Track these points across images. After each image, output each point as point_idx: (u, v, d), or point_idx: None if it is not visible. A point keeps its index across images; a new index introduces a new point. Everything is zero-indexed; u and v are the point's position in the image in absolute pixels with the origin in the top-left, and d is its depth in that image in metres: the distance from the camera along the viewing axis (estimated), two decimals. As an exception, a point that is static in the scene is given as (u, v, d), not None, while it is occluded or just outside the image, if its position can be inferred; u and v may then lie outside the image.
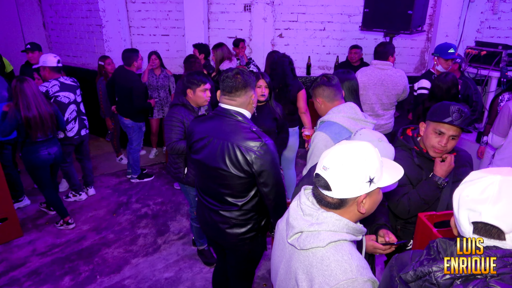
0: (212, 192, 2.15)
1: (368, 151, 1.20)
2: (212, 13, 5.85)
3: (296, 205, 1.31)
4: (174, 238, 3.81)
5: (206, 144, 2.05)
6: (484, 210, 0.89)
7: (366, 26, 4.59)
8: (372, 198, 1.24)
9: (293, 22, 5.83)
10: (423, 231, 1.85)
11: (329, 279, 1.13)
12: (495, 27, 5.64)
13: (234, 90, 2.00)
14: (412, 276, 0.92)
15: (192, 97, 3.03)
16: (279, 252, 1.39)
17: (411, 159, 2.08)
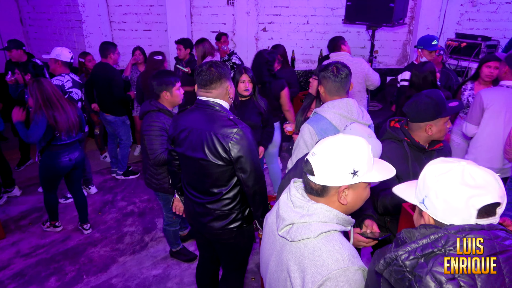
0: (196, 184, 2.18)
1: (359, 145, 1.22)
2: (194, 7, 5.78)
3: (286, 198, 1.32)
4: (161, 236, 3.79)
5: (187, 135, 2.08)
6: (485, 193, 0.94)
7: (349, 19, 4.62)
8: (356, 192, 1.26)
9: (276, 16, 5.81)
10: (407, 221, 1.88)
11: (321, 269, 1.15)
12: (475, 19, 5.75)
13: (209, 83, 2.04)
14: (383, 265, 0.96)
15: (170, 98, 2.82)
16: (269, 245, 1.40)
17: (402, 150, 2.11)
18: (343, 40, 4.10)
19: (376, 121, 4.22)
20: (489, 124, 2.96)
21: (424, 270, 0.89)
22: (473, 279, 0.85)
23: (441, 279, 0.86)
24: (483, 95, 2.96)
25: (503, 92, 2.92)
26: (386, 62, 5.97)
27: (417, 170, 2.11)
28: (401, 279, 0.92)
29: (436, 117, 2.02)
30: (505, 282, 0.84)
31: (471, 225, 0.92)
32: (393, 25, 4.35)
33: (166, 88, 2.79)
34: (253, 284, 3.13)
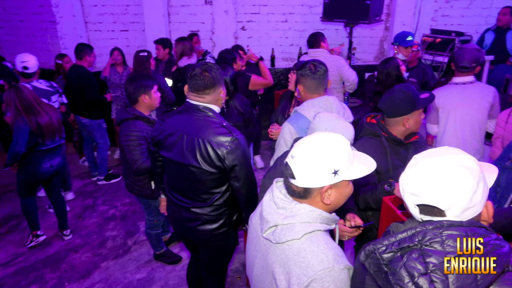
0: (183, 189, 2.12)
1: (337, 143, 1.20)
2: (172, 7, 5.72)
3: (269, 199, 1.30)
4: (145, 238, 3.73)
5: (176, 140, 2.01)
6: (422, 193, 0.97)
7: (327, 17, 4.66)
8: (339, 190, 1.25)
9: (255, 14, 5.81)
10: (388, 214, 1.92)
11: (307, 270, 1.14)
12: (448, 15, 5.89)
13: (202, 88, 1.97)
14: (364, 256, 0.98)
15: (148, 101, 2.71)
16: (253, 246, 1.38)
17: (381, 145, 2.14)
18: (322, 37, 4.12)
19: (356, 117, 4.26)
20: (447, 122, 3.04)
21: (398, 264, 0.90)
22: (445, 274, 0.85)
23: (414, 273, 0.87)
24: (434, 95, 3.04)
25: (453, 90, 2.99)
26: (364, 59, 6.05)
27: (396, 164, 2.15)
28: (378, 271, 0.94)
29: (412, 110, 2.06)
30: (476, 278, 0.85)
31: (450, 221, 0.92)
32: (370, 22, 4.41)
33: (144, 92, 2.68)
34: (239, 283, 3.12)
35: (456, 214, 0.94)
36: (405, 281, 0.88)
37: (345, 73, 3.91)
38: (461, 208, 0.94)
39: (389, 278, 0.91)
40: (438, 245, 0.89)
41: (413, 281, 0.87)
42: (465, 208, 0.94)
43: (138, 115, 2.68)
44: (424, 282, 0.86)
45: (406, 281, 0.87)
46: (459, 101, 2.96)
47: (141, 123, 2.68)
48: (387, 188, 1.97)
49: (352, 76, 3.93)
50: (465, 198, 0.93)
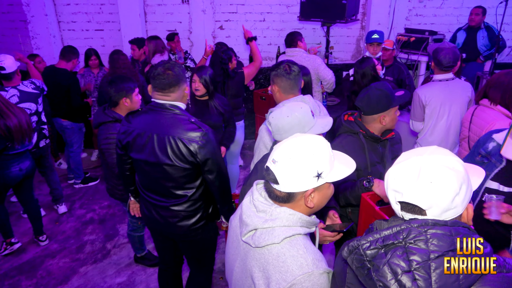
0: (158, 189, 2.13)
1: (318, 146, 1.19)
2: (148, 6, 5.64)
3: (249, 202, 1.28)
4: (125, 242, 3.67)
5: (146, 140, 2.01)
6: (404, 190, 0.97)
7: (304, 16, 4.70)
8: (322, 193, 1.23)
9: (233, 14, 5.80)
10: (367, 210, 1.95)
11: (286, 275, 1.13)
12: (422, 15, 6.05)
13: (167, 86, 1.98)
14: (347, 252, 0.98)
15: (129, 104, 2.64)
16: (233, 249, 1.36)
17: (359, 142, 2.17)
18: (300, 36, 4.14)
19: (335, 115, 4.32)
20: (432, 118, 3.12)
21: (382, 261, 0.90)
22: (428, 273, 0.86)
23: (397, 270, 0.87)
24: (420, 93, 3.11)
25: (437, 87, 3.07)
26: (342, 58, 6.14)
27: (374, 160, 2.19)
28: (361, 267, 0.94)
29: (388, 107, 2.10)
30: (459, 278, 0.86)
31: (434, 220, 0.92)
32: (346, 21, 4.48)
33: (126, 95, 2.61)
34: (221, 283, 3.11)
35: (436, 214, 0.95)
36: (388, 278, 0.87)
37: (322, 72, 3.93)
38: (442, 208, 0.94)
39: (371, 275, 0.91)
40: (422, 244, 0.88)
41: (396, 279, 0.87)
42: (446, 209, 0.94)
43: (118, 117, 2.60)
44: (407, 280, 0.86)
45: (389, 278, 0.87)
46: (444, 97, 3.05)
47: (120, 126, 2.62)
48: (366, 185, 2.00)
49: (329, 76, 3.95)
50: (446, 199, 0.93)
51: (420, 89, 3.19)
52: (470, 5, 5.49)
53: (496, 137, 2.01)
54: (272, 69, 2.36)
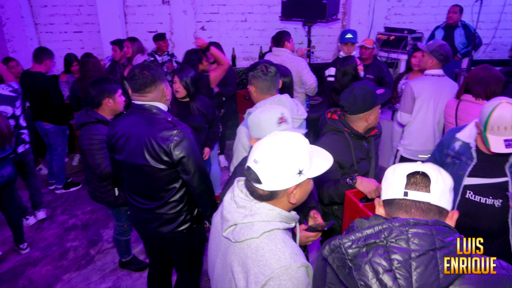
0: (140, 191, 2.11)
1: (298, 143, 1.21)
2: (128, 7, 5.56)
3: (230, 198, 1.31)
4: (109, 247, 3.61)
5: (125, 142, 2.00)
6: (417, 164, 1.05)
7: (286, 16, 4.72)
8: (303, 188, 1.26)
9: (214, 14, 5.77)
10: (351, 207, 1.97)
11: (264, 268, 1.15)
12: (401, 14, 6.15)
13: (143, 86, 1.96)
14: (328, 250, 0.98)
15: (113, 105, 2.65)
16: (215, 246, 1.38)
17: (345, 141, 2.18)
18: (288, 37, 4.10)
19: (318, 114, 4.36)
20: (421, 111, 3.19)
21: (364, 260, 0.90)
22: (409, 272, 0.86)
23: (378, 269, 0.87)
24: (412, 85, 3.17)
25: (429, 81, 3.15)
26: (324, 57, 6.18)
27: (359, 157, 2.22)
28: (342, 266, 0.94)
29: (374, 106, 2.13)
30: (439, 277, 0.87)
31: (416, 220, 0.94)
32: (327, 21, 4.52)
33: (108, 95, 2.62)
34: (208, 285, 3.10)
35: (438, 193, 1.01)
36: (369, 277, 0.88)
37: (304, 76, 3.94)
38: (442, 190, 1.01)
39: (353, 274, 0.91)
40: (404, 243, 0.89)
41: (377, 278, 0.87)
42: (444, 192, 1.01)
43: (100, 118, 2.61)
44: (388, 279, 0.86)
45: (370, 277, 0.88)
46: (434, 91, 3.13)
47: (103, 126, 2.60)
48: (349, 182, 2.02)
49: (311, 80, 3.95)
50: (448, 184, 1.02)
51: (412, 81, 3.26)
52: (447, 3, 5.61)
53: (459, 136, 2.07)
54: (249, 69, 2.35)
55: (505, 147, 1.78)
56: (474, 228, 2.00)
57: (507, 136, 1.78)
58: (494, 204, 1.97)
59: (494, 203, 1.97)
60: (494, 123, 1.79)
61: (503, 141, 1.78)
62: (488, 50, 6.20)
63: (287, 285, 1.13)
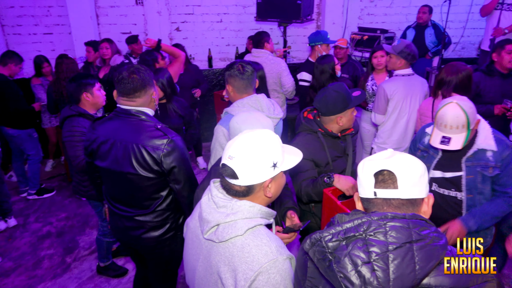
0: (123, 198, 2.04)
1: (270, 138, 1.26)
2: (100, 8, 5.44)
3: (207, 199, 1.30)
4: (86, 254, 3.52)
5: (110, 148, 1.92)
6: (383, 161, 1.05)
7: (261, 17, 4.73)
8: (277, 182, 1.30)
9: (189, 15, 5.73)
10: (329, 205, 2.00)
11: (252, 264, 1.16)
12: (373, 14, 6.28)
13: (132, 91, 1.89)
14: (309, 244, 1.00)
15: (91, 99, 2.68)
16: (194, 250, 1.36)
17: (319, 141, 2.21)
18: (267, 37, 4.12)
19: (295, 113, 4.40)
20: (394, 112, 3.27)
21: (343, 252, 0.92)
22: (386, 264, 0.88)
23: (357, 261, 0.89)
24: (385, 87, 3.24)
25: (401, 81, 3.23)
26: (300, 57, 6.23)
27: (335, 155, 2.25)
28: (322, 259, 0.95)
29: (345, 109, 2.16)
30: (415, 268, 0.89)
31: (394, 214, 0.96)
32: (302, 21, 4.56)
33: (85, 90, 2.66)
34: (190, 289, 3.06)
35: (406, 186, 1.02)
36: (348, 269, 0.90)
37: (283, 78, 3.96)
38: (411, 182, 1.02)
39: (333, 267, 0.92)
40: (382, 236, 0.91)
41: (356, 270, 0.89)
42: (414, 184, 1.02)
43: (82, 112, 2.66)
44: (366, 271, 0.88)
45: (349, 269, 0.90)
46: (406, 91, 3.21)
47: (84, 120, 2.64)
48: (327, 180, 2.05)
49: (289, 83, 3.99)
50: (416, 174, 1.02)
51: (385, 83, 3.32)
52: (417, 4, 5.77)
53: (428, 130, 2.15)
54: (226, 69, 2.35)
55: (440, 142, 1.88)
56: (440, 219, 2.07)
57: (446, 133, 1.87)
58: (456, 196, 2.06)
59: (456, 195, 2.06)
60: (439, 119, 1.89)
61: (441, 137, 1.88)
62: (457, 48, 6.41)
63: (276, 278, 1.16)
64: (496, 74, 3.30)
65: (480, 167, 1.97)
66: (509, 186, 1.98)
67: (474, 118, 1.88)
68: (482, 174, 1.98)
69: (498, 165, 1.95)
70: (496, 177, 1.98)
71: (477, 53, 6.37)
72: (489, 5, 4.79)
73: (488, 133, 1.96)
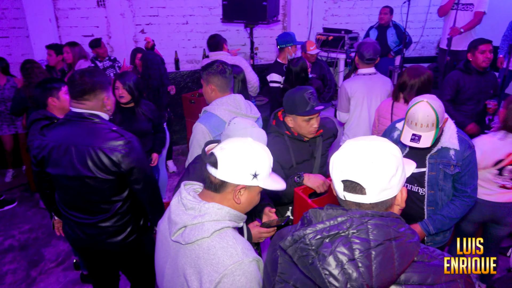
0: (81, 205, 1.98)
1: (264, 152, 1.28)
2: (60, 10, 5.24)
3: (177, 201, 1.30)
4: (52, 266, 3.38)
5: (63, 153, 1.86)
6: (348, 169, 1.02)
7: (227, 18, 4.72)
8: (251, 195, 1.30)
9: (154, 17, 5.63)
10: (300, 204, 2.02)
11: (217, 266, 1.16)
12: (337, 15, 6.42)
13: (80, 94, 1.86)
14: (290, 241, 0.98)
15: (58, 103, 2.62)
16: (163, 253, 1.36)
17: (285, 144, 2.22)
18: (224, 39, 4.18)
19: (264, 114, 4.41)
20: (356, 109, 3.36)
21: (328, 250, 0.92)
22: (369, 260, 0.90)
23: (342, 259, 0.90)
24: (346, 86, 3.33)
25: (361, 80, 3.32)
26: (267, 58, 6.27)
27: (301, 158, 2.25)
28: (305, 256, 0.95)
29: (292, 112, 2.12)
30: (395, 265, 0.91)
31: (373, 212, 0.97)
32: (268, 22, 4.59)
33: (51, 94, 2.61)
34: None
35: (375, 193, 1.00)
36: (333, 266, 0.90)
37: (248, 75, 3.95)
38: (380, 188, 1.00)
39: (316, 264, 0.93)
40: (364, 234, 0.92)
41: (341, 267, 0.90)
42: (383, 188, 1.01)
43: (49, 115, 2.59)
44: (351, 268, 0.89)
45: (334, 266, 0.90)
46: (367, 90, 3.29)
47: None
48: (297, 180, 2.07)
49: (254, 79, 4.02)
50: (385, 179, 1.00)
51: (346, 82, 3.40)
52: (378, 5, 5.94)
53: (399, 125, 2.22)
54: (204, 69, 2.33)
55: (410, 140, 1.94)
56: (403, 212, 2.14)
57: (416, 131, 1.93)
58: (418, 191, 2.14)
59: (418, 190, 2.14)
60: (410, 117, 1.95)
61: (411, 135, 1.94)
62: (418, 48, 6.66)
63: (241, 280, 1.15)
64: (473, 72, 3.45)
65: (442, 164, 2.04)
66: (469, 185, 2.06)
67: (443, 117, 1.95)
68: (444, 172, 2.05)
69: (459, 164, 2.02)
70: (457, 175, 2.06)
71: (436, 51, 6.65)
72: (446, 5, 5.01)
73: (453, 133, 2.03)
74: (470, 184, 2.07)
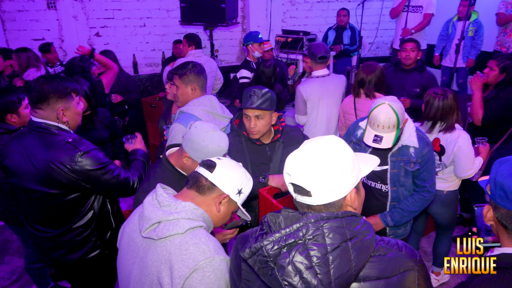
0: (39, 217, 1.90)
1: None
2: (6, 12, 4.96)
3: (151, 199, 1.30)
4: (7, 284, 3.17)
5: (21, 164, 1.79)
6: (293, 173, 1.02)
7: (186, 21, 4.67)
8: (228, 209, 1.37)
9: (109, 20, 5.46)
10: (265, 205, 2.03)
11: (188, 261, 1.16)
12: (295, 17, 6.53)
13: (33, 101, 1.78)
14: (249, 253, 0.97)
15: (18, 120, 2.40)
16: (129, 256, 1.33)
17: (240, 144, 2.22)
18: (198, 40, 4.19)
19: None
20: (313, 111, 3.43)
21: (286, 260, 0.91)
22: (327, 266, 0.90)
23: (301, 268, 0.90)
24: (301, 89, 3.39)
25: (316, 83, 3.39)
26: (227, 60, 6.27)
27: (259, 161, 2.25)
28: (264, 268, 0.94)
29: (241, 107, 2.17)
30: (352, 266, 0.91)
31: (328, 214, 0.96)
32: (227, 24, 4.59)
33: (10, 110, 2.34)
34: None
35: (321, 195, 1.00)
36: (292, 276, 0.90)
37: (218, 73, 4.20)
38: (324, 190, 0.99)
39: (276, 275, 0.92)
40: (320, 238, 0.92)
41: (301, 276, 0.89)
42: (329, 190, 0.99)
43: (11, 129, 2.31)
44: (310, 276, 0.89)
45: (293, 276, 0.90)
46: (322, 92, 3.35)
47: None
48: (262, 180, 2.08)
49: (221, 77, 4.26)
50: (327, 182, 0.98)
51: (301, 85, 3.45)
52: (335, 7, 6.13)
53: (362, 124, 2.29)
54: (183, 69, 2.32)
55: (372, 141, 2.02)
56: (367, 208, 2.20)
57: (378, 132, 2.00)
58: (381, 188, 2.22)
59: (381, 187, 2.22)
60: (372, 118, 2.01)
61: (374, 136, 2.01)
62: (373, 48, 6.92)
63: (210, 276, 1.16)
64: (399, 70, 3.65)
65: (403, 162, 2.12)
66: (428, 181, 2.16)
67: (403, 118, 2.03)
68: (405, 169, 2.13)
69: (419, 161, 2.11)
70: (417, 172, 2.14)
71: (390, 51, 6.94)
72: (397, 7, 5.25)
73: (412, 131, 2.11)
74: (428, 180, 2.15)
